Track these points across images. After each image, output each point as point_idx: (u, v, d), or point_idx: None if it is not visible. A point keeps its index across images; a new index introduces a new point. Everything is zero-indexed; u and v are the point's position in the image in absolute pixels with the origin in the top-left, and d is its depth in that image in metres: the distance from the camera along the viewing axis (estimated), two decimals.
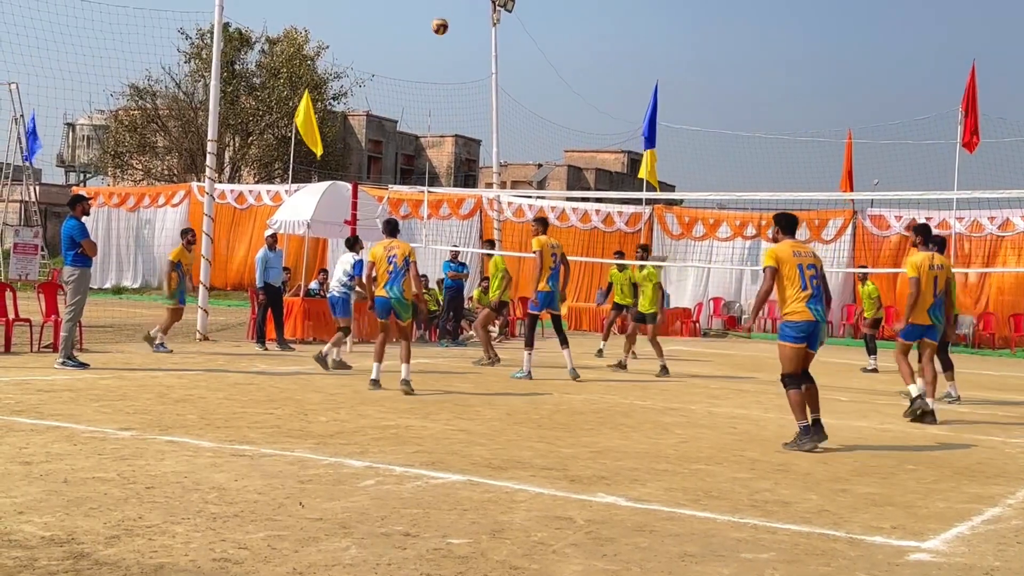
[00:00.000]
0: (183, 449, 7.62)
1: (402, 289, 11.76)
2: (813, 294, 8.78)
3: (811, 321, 8.74)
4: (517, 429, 9.31)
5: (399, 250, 11.87)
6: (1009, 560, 5.50)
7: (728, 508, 6.43)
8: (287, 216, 20.79)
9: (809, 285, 8.79)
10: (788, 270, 8.84)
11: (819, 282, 8.88)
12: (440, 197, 31.49)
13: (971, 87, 26.68)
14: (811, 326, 8.76)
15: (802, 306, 8.77)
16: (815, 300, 8.78)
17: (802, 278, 8.80)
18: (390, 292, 11.72)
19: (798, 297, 8.78)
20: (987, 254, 26.96)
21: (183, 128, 43.19)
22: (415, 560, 5.00)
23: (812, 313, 8.74)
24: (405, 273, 11.79)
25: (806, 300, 8.76)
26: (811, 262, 8.93)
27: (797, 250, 8.99)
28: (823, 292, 8.92)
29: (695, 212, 31.14)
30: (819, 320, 8.79)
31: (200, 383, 11.83)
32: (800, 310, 8.77)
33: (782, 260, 8.88)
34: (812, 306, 8.76)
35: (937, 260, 11.21)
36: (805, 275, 8.81)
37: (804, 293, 8.77)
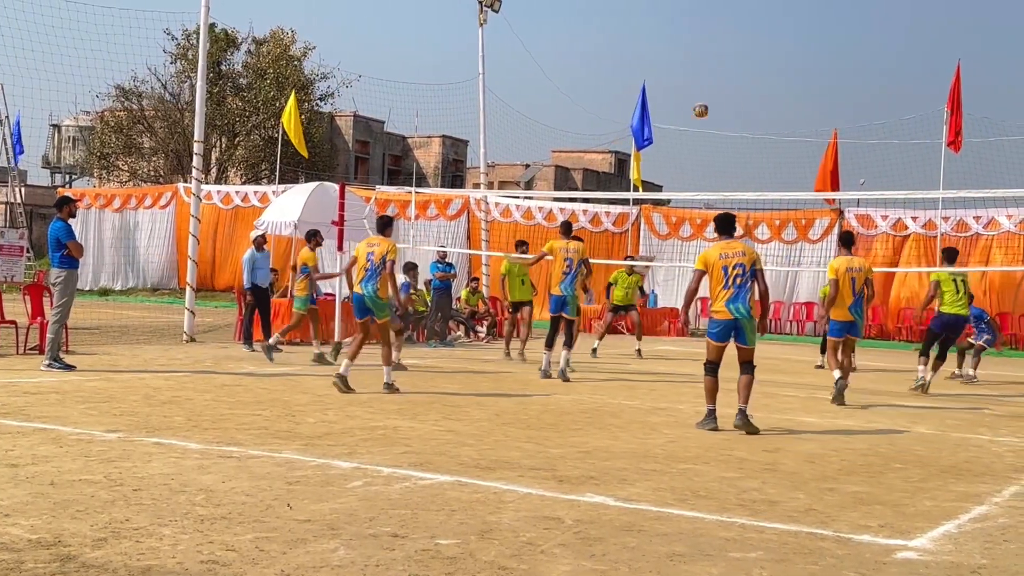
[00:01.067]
0: (170, 451, 7.60)
1: (376, 287, 11.57)
2: (734, 294, 9.48)
3: (727, 319, 9.50)
4: (505, 430, 9.31)
5: (379, 248, 11.70)
6: (996, 558, 5.52)
7: (716, 507, 6.44)
8: (274, 217, 20.73)
9: (731, 284, 9.49)
10: (714, 271, 9.61)
11: (744, 280, 9.50)
12: (427, 198, 31.49)
13: (956, 87, 26.80)
14: (728, 323, 9.52)
15: (721, 305, 9.56)
16: (734, 299, 9.49)
17: (725, 278, 9.52)
18: (364, 289, 11.59)
19: (720, 296, 9.56)
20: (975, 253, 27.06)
21: (169, 129, 43.09)
22: (403, 561, 4.99)
23: (730, 312, 9.48)
24: (381, 271, 11.57)
25: (726, 300, 9.51)
26: (738, 261, 9.56)
27: (724, 251, 9.66)
28: (750, 290, 9.55)
29: (682, 212, 31.22)
30: (737, 317, 9.47)
31: (187, 385, 11.79)
32: (719, 309, 9.58)
33: (708, 263, 9.69)
34: (730, 305, 9.49)
35: (856, 263, 12.47)
36: (729, 275, 9.51)
37: (725, 292, 9.53)
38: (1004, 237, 26.94)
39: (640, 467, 7.72)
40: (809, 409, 11.90)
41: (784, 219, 29.39)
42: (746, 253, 9.71)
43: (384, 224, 12.19)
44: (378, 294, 11.55)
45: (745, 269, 9.53)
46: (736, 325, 9.52)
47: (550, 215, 31.26)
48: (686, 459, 8.16)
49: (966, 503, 6.90)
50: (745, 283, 9.53)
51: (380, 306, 11.64)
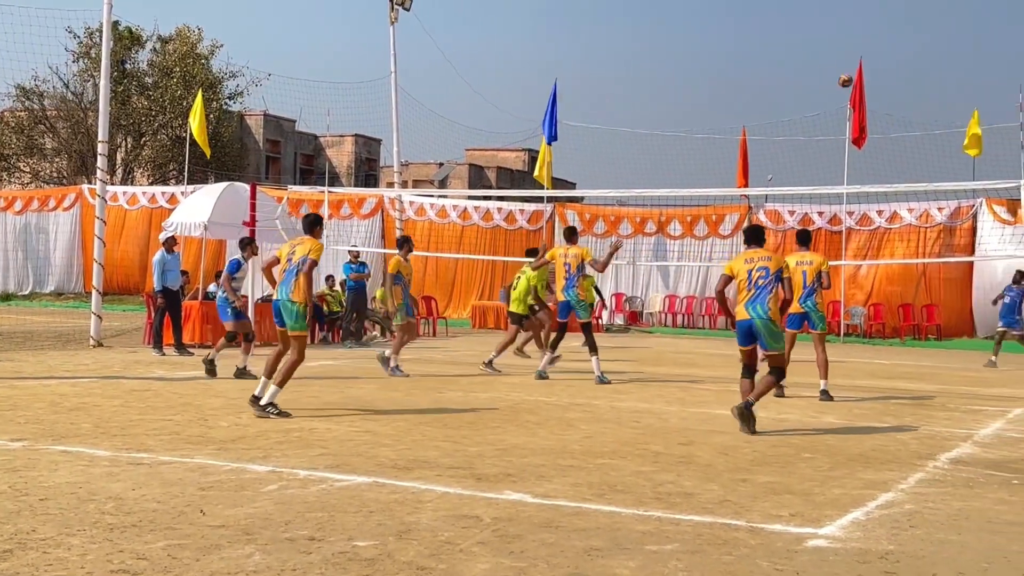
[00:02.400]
0: (78, 459, 7.42)
1: (290, 290, 10.01)
2: (753, 295, 9.48)
3: (744, 320, 9.49)
4: (423, 429, 9.28)
5: (301, 247, 10.20)
6: (903, 544, 5.68)
7: (633, 501, 6.50)
8: (183, 218, 20.36)
9: (752, 287, 9.49)
10: (739, 277, 9.64)
11: (766, 283, 9.47)
12: (341, 197, 31.25)
13: (859, 84, 27.46)
14: (745, 324, 9.50)
15: (741, 307, 9.56)
16: (752, 301, 9.48)
17: (748, 281, 9.53)
18: (279, 294, 10.10)
19: (741, 299, 9.59)
20: (876, 246, 27.78)
21: (72, 129, 42.05)
22: (320, 564, 4.94)
23: (747, 312, 9.49)
24: (298, 272, 10.04)
25: (745, 301, 9.52)
26: (761, 264, 9.58)
27: (750, 257, 9.70)
28: (771, 293, 9.49)
29: (596, 209, 31.46)
30: (753, 318, 9.43)
31: (95, 390, 11.52)
32: (739, 311, 9.59)
33: (734, 268, 9.76)
34: (748, 306, 9.50)
35: (806, 256, 12.77)
36: (752, 278, 9.52)
37: (746, 294, 9.53)
38: (905, 230, 27.71)
39: (558, 463, 7.76)
40: (723, 402, 12.08)
41: (695, 215, 29.81)
42: (772, 258, 9.72)
43: (310, 224, 10.64)
44: (291, 297, 9.99)
45: (768, 272, 9.53)
46: (752, 327, 9.48)
47: (465, 213, 31.26)
48: (603, 454, 8.23)
49: (873, 491, 7.07)
50: (766, 286, 9.49)
51: (289, 312, 10.00)
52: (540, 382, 13.84)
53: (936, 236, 27.39)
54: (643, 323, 29.64)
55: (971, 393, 14.12)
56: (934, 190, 22.85)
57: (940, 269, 27.23)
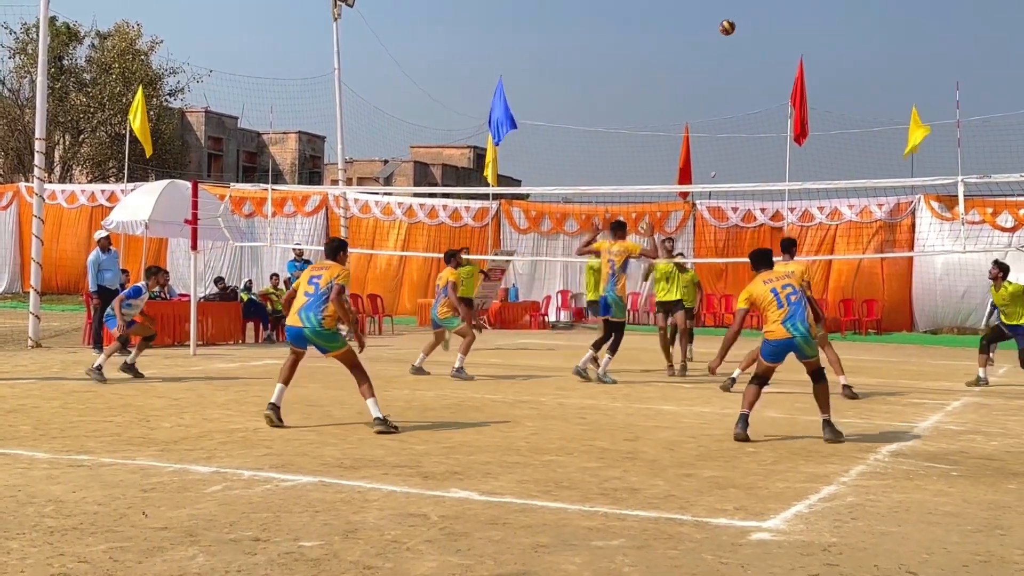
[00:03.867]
0: (16, 461, 7.28)
1: (320, 318, 9.33)
2: (790, 312, 8.97)
3: (784, 339, 8.97)
4: (368, 428, 9.23)
5: (327, 273, 9.45)
6: (845, 536, 5.76)
7: (579, 497, 6.53)
8: (123, 216, 20.09)
9: (786, 304, 9.01)
10: (763, 300, 9.11)
11: (798, 298, 9.05)
12: (284, 195, 30.98)
13: (799, 82, 27.81)
14: (783, 343, 8.99)
15: (777, 326, 9.00)
16: (791, 318, 8.96)
17: (777, 299, 9.04)
18: (304, 322, 9.38)
19: (776, 317, 9.01)
20: (818, 242, 28.13)
21: (9, 127, 41.24)
22: (266, 565, 4.90)
23: (787, 330, 8.95)
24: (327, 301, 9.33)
25: (782, 319, 8.98)
26: (786, 282, 9.16)
27: (768, 278, 9.25)
28: (804, 307, 9.06)
29: (542, 206, 31.51)
30: (795, 336, 8.93)
31: (33, 392, 11.31)
32: (776, 330, 9.02)
33: (755, 297, 9.19)
34: (788, 324, 8.96)
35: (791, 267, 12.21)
36: (780, 296, 9.05)
37: (780, 312, 9.00)
38: (846, 227, 28.09)
39: (504, 460, 7.77)
40: (667, 397, 12.18)
41: (640, 212, 29.98)
42: (793, 274, 9.48)
43: (334, 249, 9.93)
44: (324, 326, 9.34)
45: (796, 289, 9.11)
46: (793, 345, 9.01)
47: (410, 210, 31.15)
48: (549, 451, 8.25)
49: (816, 484, 7.17)
50: (799, 301, 9.05)
51: (326, 336, 9.43)
52: (484, 378, 13.81)
53: (876, 232, 27.81)
54: (588, 320, 29.74)
55: (910, 387, 14.37)
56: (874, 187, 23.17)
57: (880, 265, 27.65)
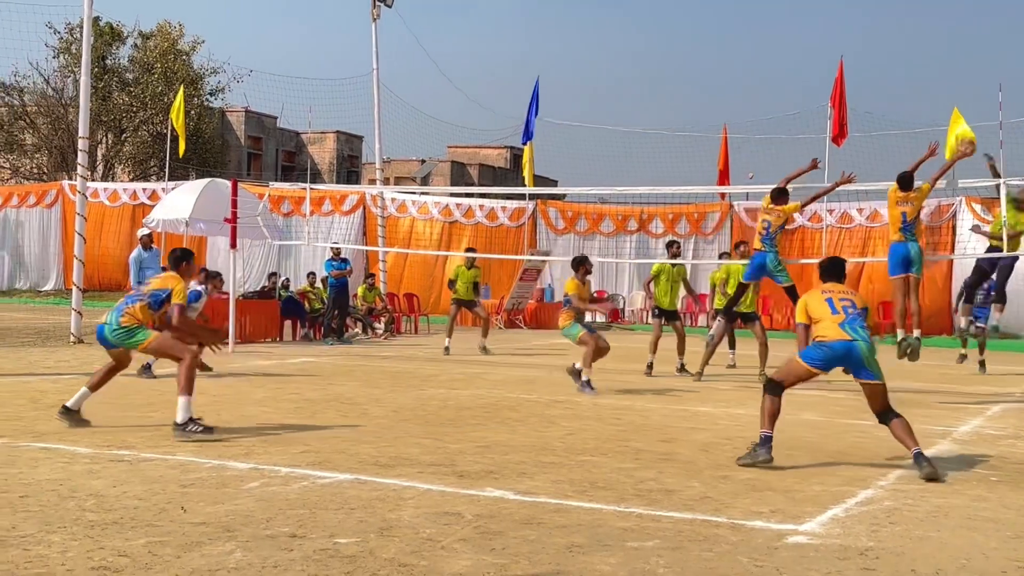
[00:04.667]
0: (58, 456, 7.39)
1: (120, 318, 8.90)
2: (847, 318, 7.83)
3: (843, 340, 7.72)
4: (404, 426, 9.28)
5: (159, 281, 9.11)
6: (882, 540, 5.72)
7: (614, 498, 6.53)
8: (164, 215, 20.30)
9: (841, 311, 7.87)
10: (817, 312, 8.01)
11: (856, 312, 7.91)
12: (322, 194, 31.16)
13: (839, 83, 27.58)
14: (842, 346, 7.72)
15: (835, 327, 7.80)
16: (850, 322, 7.81)
17: (831, 306, 7.93)
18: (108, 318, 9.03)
19: (834, 321, 7.85)
20: (858, 244, 27.90)
21: (53, 125, 41.76)
22: (302, 561, 4.94)
23: (846, 332, 7.74)
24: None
25: (839, 322, 7.81)
26: (844, 294, 8.08)
27: (825, 289, 8.21)
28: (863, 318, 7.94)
29: (578, 207, 31.46)
30: (857, 340, 7.71)
31: (75, 387, 11.41)
32: (832, 331, 7.81)
33: (811, 308, 8.07)
34: (847, 327, 7.78)
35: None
36: (836, 304, 7.94)
37: (836, 317, 7.85)
38: (885, 229, 27.81)
39: (539, 460, 7.77)
40: (704, 399, 12.13)
41: (677, 213, 29.88)
42: (856, 295, 8.23)
43: (177, 259, 9.28)
44: (121, 324, 8.86)
45: (855, 305, 7.97)
46: (855, 351, 7.70)
47: (446, 210, 31.23)
48: (584, 451, 8.25)
49: (853, 487, 7.12)
50: (857, 315, 7.88)
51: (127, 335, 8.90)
52: (521, 379, 13.83)
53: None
54: (625, 320, 29.69)
55: (950, 390, 14.21)
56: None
57: None
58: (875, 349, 7.87)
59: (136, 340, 8.82)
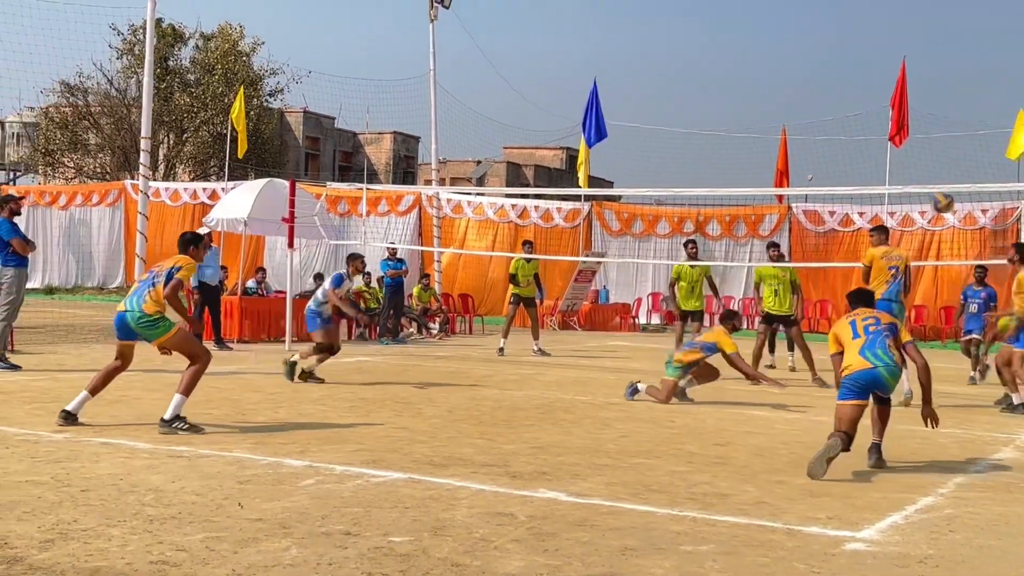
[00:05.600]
0: (118, 451, 7.51)
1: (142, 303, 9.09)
2: (867, 341, 7.82)
3: (865, 369, 7.68)
4: (458, 426, 9.31)
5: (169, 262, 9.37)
6: (941, 549, 5.62)
7: (667, 501, 6.49)
8: (223, 214, 20.55)
9: (863, 333, 7.88)
10: (844, 334, 8.02)
11: (877, 328, 7.89)
12: (379, 194, 31.35)
13: (901, 83, 27.19)
14: (865, 375, 7.68)
15: (854, 355, 7.79)
16: (870, 346, 7.78)
17: (853, 329, 7.96)
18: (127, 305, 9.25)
19: (854, 347, 7.85)
20: (920, 248, 27.47)
21: (116, 125, 42.50)
22: (356, 559, 4.98)
23: (867, 359, 7.71)
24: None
25: (859, 349, 7.79)
26: (868, 313, 8.12)
27: (852, 315, 8.17)
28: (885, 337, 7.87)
29: (634, 208, 31.32)
30: (878, 367, 7.66)
31: (136, 383, 11.65)
32: (852, 362, 7.78)
33: (839, 333, 8.09)
34: (867, 352, 7.76)
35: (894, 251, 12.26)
36: (858, 326, 7.96)
37: (857, 342, 7.85)
38: (949, 232, 27.37)
39: (593, 462, 7.75)
40: (760, 402, 12.01)
41: (734, 215, 29.64)
42: (882, 316, 8.18)
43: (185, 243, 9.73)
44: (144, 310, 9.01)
45: (880, 321, 8.00)
46: (877, 378, 7.69)
47: (501, 211, 31.26)
48: (638, 453, 8.21)
49: (912, 494, 7.01)
50: (880, 331, 7.87)
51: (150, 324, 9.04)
52: (575, 380, 13.80)
53: (980, 239, 27.02)
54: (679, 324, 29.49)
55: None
56: (977, 191, 22.52)
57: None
58: (898, 371, 7.85)
59: (158, 332, 8.90)
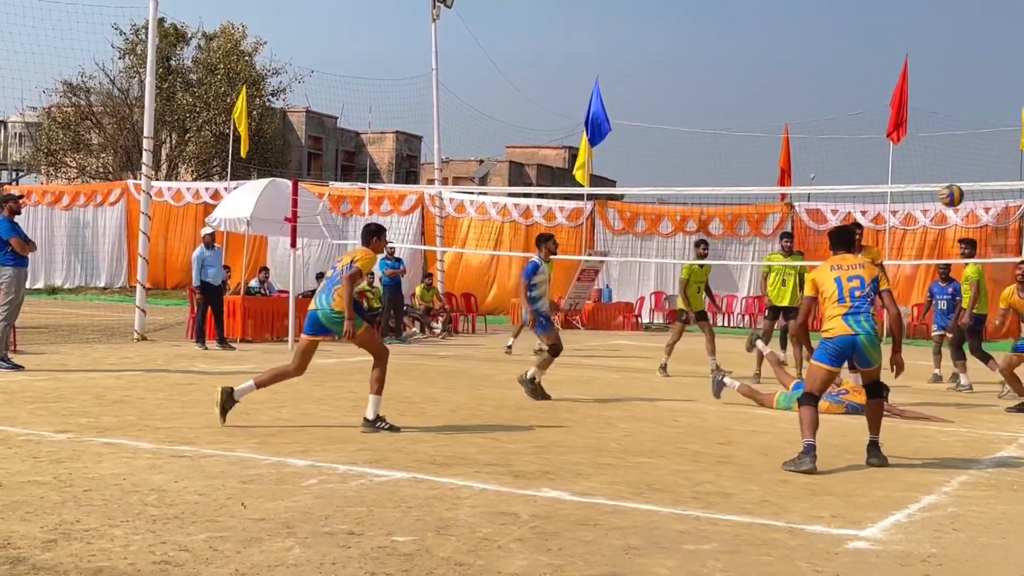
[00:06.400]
0: (121, 451, 7.51)
1: (331, 299, 9.22)
2: (852, 307, 7.86)
3: (847, 335, 7.81)
4: (461, 425, 9.31)
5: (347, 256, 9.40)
6: (945, 547, 5.61)
7: (670, 500, 6.48)
8: (226, 214, 20.54)
9: (848, 299, 7.89)
10: (826, 290, 8.04)
11: (863, 294, 7.91)
12: (381, 194, 31.35)
13: (903, 81, 27.15)
14: (846, 340, 7.82)
15: (838, 320, 7.87)
16: (854, 312, 7.85)
17: (840, 292, 7.93)
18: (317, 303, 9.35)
19: (837, 312, 7.91)
20: (921, 246, 27.45)
21: (118, 125, 42.53)
22: (359, 559, 4.97)
23: (849, 325, 7.82)
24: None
25: (844, 313, 7.86)
26: (854, 273, 8.03)
27: (837, 263, 8.15)
28: (869, 304, 7.94)
29: (636, 207, 31.32)
30: (859, 334, 7.79)
31: (138, 384, 11.66)
32: (836, 325, 7.88)
33: (819, 282, 8.12)
34: (850, 319, 7.84)
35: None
36: (844, 288, 7.94)
37: (843, 307, 7.88)
38: (951, 231, 27.34)
39: (596, 461, 7.75)
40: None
41: (737, 214, 29.63)
42: (865, 266, 8.13)
43: (370, 233, 9.62)
44: (333, 307, 9.18)
45: (864, 282, 7.95)
46: (856, 344, 7.82)
47: (504, 210, 31.26)
48: (641, 453, 8.21)
49: (916, 493, 7.00)
50: (864, 297, 7.89)
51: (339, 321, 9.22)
52: (577, 379, 13.79)
53: (982, 237, 26.99)
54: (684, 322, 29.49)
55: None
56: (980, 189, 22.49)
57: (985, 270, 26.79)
58: (877, 340, 7.95)
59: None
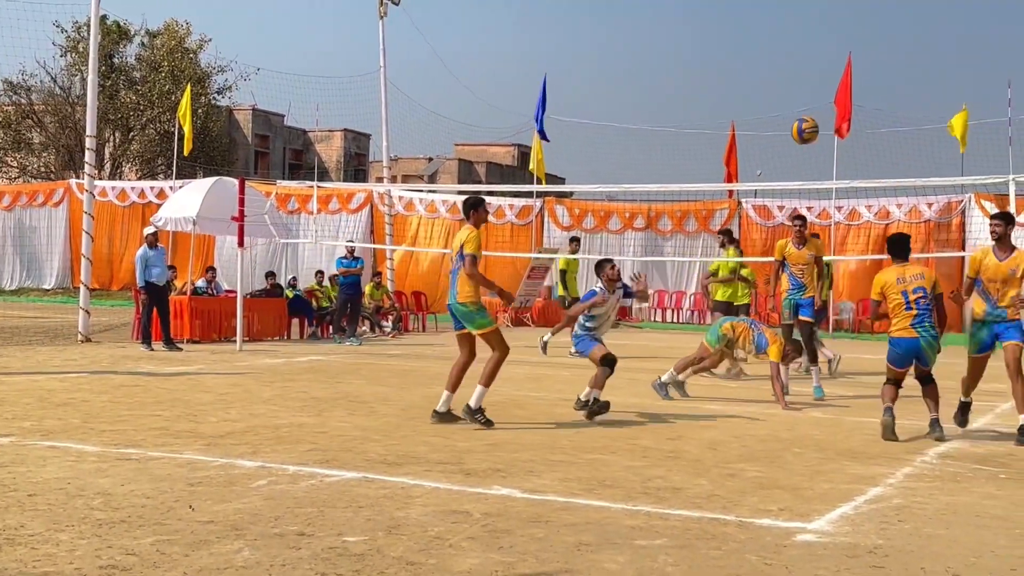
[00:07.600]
0: (66, 454, 7.40)
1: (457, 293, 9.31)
2: (917, 315, 9.10)
3: (912, 338, 9.10)
4: (412, 424, 9.28)
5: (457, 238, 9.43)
6: (891, 538, 5.70)
7: (622, 496, 6.51)
8: (172, 213, 20.31)
9: (915, 307, 9.12)
10: (892, 297, 9.22)
11: (927, 301, 9.12)
12: (330, 192, 31.18)
13: (847, 78, 27.50)
14: (912, 343, 9.11)
15: (906, 326, 9.15)
16: (919, 320, 9.10)
17: (906, 301, 9.15)
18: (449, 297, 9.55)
19: (904, 318, 9.15)
20: (866, 241, 27.82)
21: (60, 124, 41.85)
22: (310, 559, 4.94)
23: (915, 331, 9.09)
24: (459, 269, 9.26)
25: (911, 321, 9.12)
26: (918, 284, 9.17)
27: (901, 274, 9.27)
28: (931, 312, 9.16)
29: (585, 204, 31.41)
30: (923, 337, 9.09)
31: (83, 386, 11.48)
32: (903, 329, 9.16)
33: (886, 288, 9.29)
34: (917, 326, 9.10)
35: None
36: (910, 298, 9.15)
37: (909, 315, 9.13)
38: (894, 226, 27.75)
39: (547, 458, 7.76)
40: (712, 396, 12.11)
41: (685, 210, 29.84)
42: (924, 276, 9.29)
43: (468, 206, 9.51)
44: (459, 300, 9.26)
45: (927, 293, 9.15)
46: (919, 348, 9.13)
47: (453, 208, 31.20)
48: (592, 449, 8.24)
49: (862, 485, 7.10)
50: (928, 306, 9.15)
51: (468, 315, 9.32)
52: (528, 376, 13.81)
53: (926, 232, 27.45)
54: (632, 318, 29.66)
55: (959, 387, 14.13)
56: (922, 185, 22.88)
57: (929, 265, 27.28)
58: (937, 344, 9.18)
59: (476, 324, 9.37)
